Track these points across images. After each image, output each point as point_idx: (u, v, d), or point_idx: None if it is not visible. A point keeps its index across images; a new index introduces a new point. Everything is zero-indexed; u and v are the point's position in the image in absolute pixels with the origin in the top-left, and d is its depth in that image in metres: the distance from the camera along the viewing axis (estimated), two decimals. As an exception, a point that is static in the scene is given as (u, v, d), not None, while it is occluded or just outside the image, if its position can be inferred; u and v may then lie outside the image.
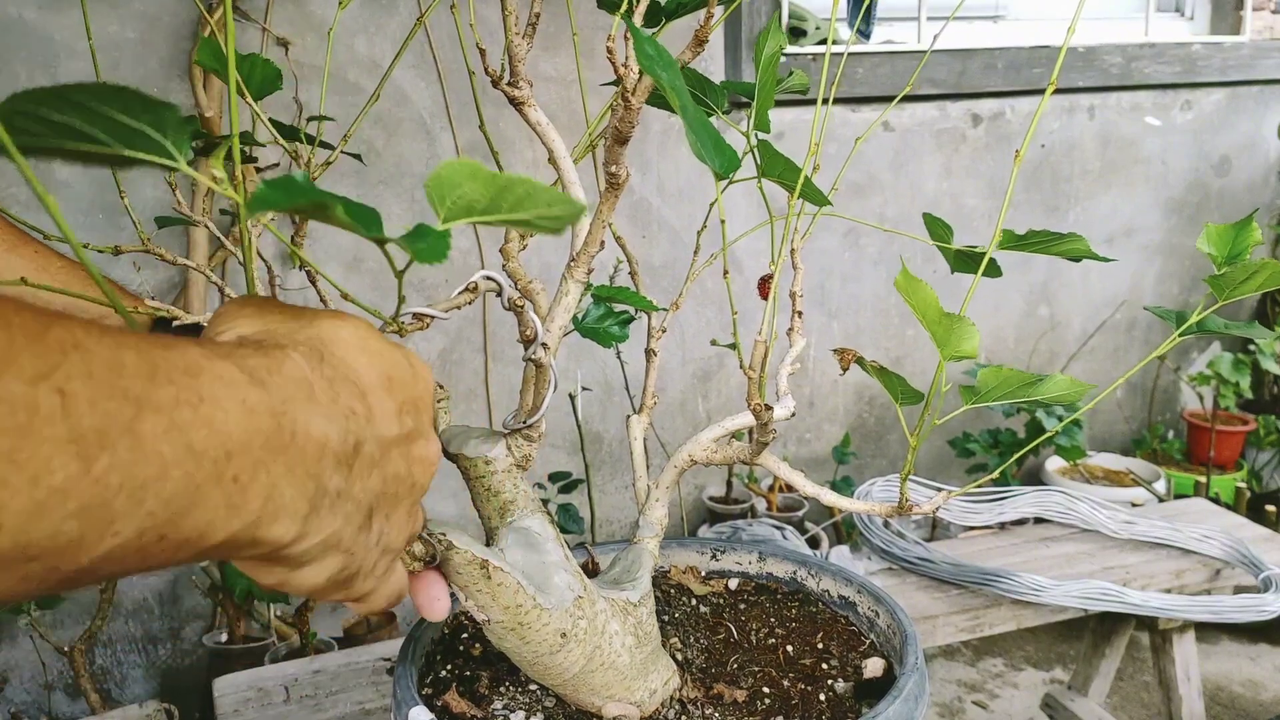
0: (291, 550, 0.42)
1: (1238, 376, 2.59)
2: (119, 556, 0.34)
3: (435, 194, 0.42)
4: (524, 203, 0.43)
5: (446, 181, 0.42)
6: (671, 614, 0.84)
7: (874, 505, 0.69)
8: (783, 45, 0.65)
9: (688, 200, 2.22)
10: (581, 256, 0.64)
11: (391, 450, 0.47)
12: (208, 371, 0.36)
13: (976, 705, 2.16)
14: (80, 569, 0.33)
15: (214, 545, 0.37)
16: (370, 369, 0.46)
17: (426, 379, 0.51)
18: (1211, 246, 0.68)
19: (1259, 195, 2.73)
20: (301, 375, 0.42)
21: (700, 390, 2.35)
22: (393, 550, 0.51)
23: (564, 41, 2.03)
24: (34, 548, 0.31)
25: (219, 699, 1.05)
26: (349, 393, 0.44)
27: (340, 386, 0.44)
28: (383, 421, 0.46)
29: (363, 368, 0.46)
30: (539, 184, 0.43)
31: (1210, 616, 1.21)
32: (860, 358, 0.67)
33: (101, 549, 0.33)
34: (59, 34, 1.72)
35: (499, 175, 0.43)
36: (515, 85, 0.63)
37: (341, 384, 0.44)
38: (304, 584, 0.45)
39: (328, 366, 0.44)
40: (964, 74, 2.34)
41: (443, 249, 0.40)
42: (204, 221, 0.81)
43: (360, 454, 0.45)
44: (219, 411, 0.36)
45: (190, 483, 0.35)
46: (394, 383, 0.48)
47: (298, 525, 0.41)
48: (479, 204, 0.43)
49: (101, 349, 0.33)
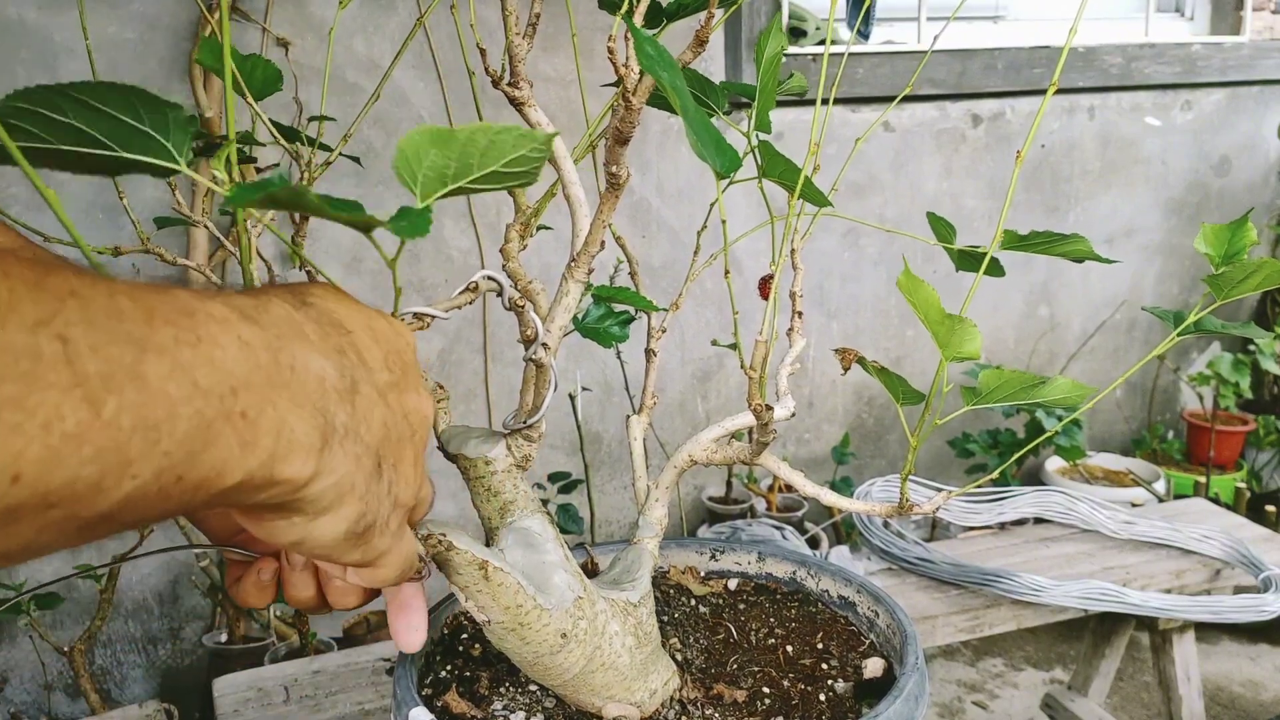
0: (309, 491, 0.41)
1: (1237, 376, 2.59)
2: (138, 499, 0.34)
3: (405, 171, 0.42)
4: (490, 152, 0.43)
5: (412, 155, 0.42)
6: (671, 614, 0.84)
7: (874, 505, 0.69)
8: (784, 46, 0.65)
9: (687, 201, 2.22)
10: (582, 256, 0.64)
11: (387, 395, 0.47)
12: (201, 311, 0.36)
13: (976, 705, 2.16)
14: (100, 514, 0.33)
15: (233, 486, 0.37)
16: (351, 316, 0.46)
17: (407, 335, 0.51)
18: (1209, 246, 0.68)
19: (1259, 195, 2.73)
20: (288, 315, 0.42)
21: (700, 391, 2.35)
22: (403, 505, 0.50)
23: (563, 42, 2.03)
24: (54, 495, 0.31)
25: (219, 699, 1.05)
26: (337, 333, 0.44)
27: (327, 328, 0.44)
28: (373, 365, 0.46)
29: (344, 314, 0.46)
30: (498, 126, 0.42)
31: (1210, 617, 1.21)
32: (861, 357, 0.67)
33: (121, 492, 0.33)
34: (59, 34, 1.72)
35: (458, 130, 0.42)
36: (515, 85, 0.63)
37: (328, 325, 0.44)
38: (324, 536, 0.44)
39: (312, 310, 0.44)
40: (964, 74, 2.34)
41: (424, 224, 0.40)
42: (203, 222, 0.81)
43: (358, 393, 0.44)
44: (218, 349, 0.36)
45: (201, 420, 0.35)
46: (376, 333, 0.47)
47: (313, 461, 0.40)
48: (449, 169, 0.43)
49: (97, 294, 0.33)
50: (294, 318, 0.42)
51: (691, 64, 0.64)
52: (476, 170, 0.43)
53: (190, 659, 2.05)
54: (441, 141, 0.42)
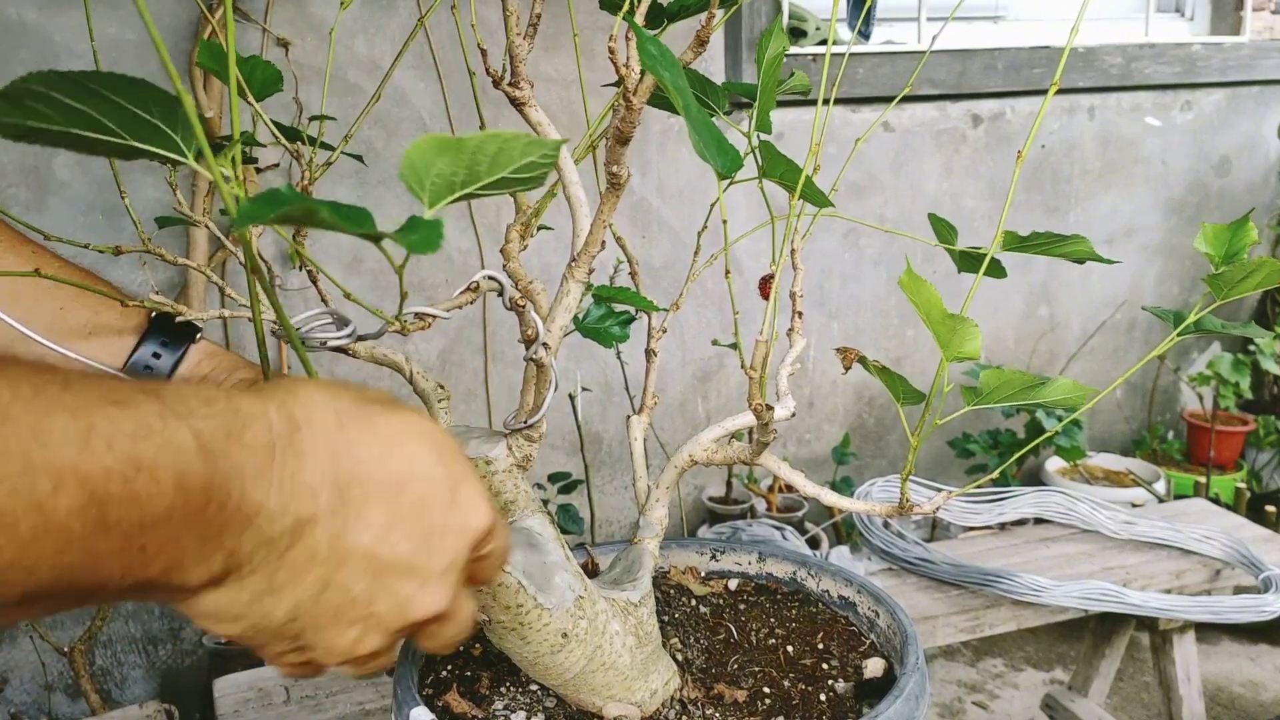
0: (194, 604, 0.40)
1: (1237, 377, 2.59)
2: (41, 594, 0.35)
3: (413, 180, 0.42)
4: (500, 160, 0.43)
5: (419, 164, 0.41)
6: (672, 614, 0.84)
7: (874, 505, 0.69)
8: (786, 47, 0.65)
9: (688, 201, 2.22)
10: (582, 257, 0.64)
11: (354, 560, 0.42)
12: (157, 435, 0.35)
13: (976, 706, 2.16)
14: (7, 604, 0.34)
15: (120, 590, 0.37)
16: (380, 466, 0.42)
17: (470, 523, 0.44)
18: (1208, 246, 0.68)
19: (1259, 195, 2.73)
20: (267, 443, 0.39)
21: (700, 391, 2.35)
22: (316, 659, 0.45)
23: (564, 43, 2.03)
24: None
25: (219, 699, 1.05)
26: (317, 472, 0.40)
27: (307, 461, 0.40)
28: (356, 525, 0.41)
29: (367, 458, 0.42)
30: (507, 134, 0.42)
31: (1210, 617, 1.21)
32: (863, 357, 0.67)
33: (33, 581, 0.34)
34: (59, 35, 1.72)
35: (466, 139, 0.41)
36: (516, 86, 0.63)
37: (312, 459, 0.40)
38: (218, 630, 0.42)
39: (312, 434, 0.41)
40: (964, 74, 2.34)
41: (435, 238, 0.39)
42: (204, 221, 0.81)
43: (300, 541, 0.40)
44: (152, 486, 0.35)
45: (91, 553, 0.34)
46: (406, 494, 0.43)
47: (196, 582, 0.39)
48: (458, 177, 0.42)
49: (27, 418, 0.32)
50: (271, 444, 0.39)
51: (692, 64, 0.64)
52: (485, 177, 0.43)
53: (191, 659, 2.05)
54: (450, 150, 0.41)
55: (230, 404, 0.39)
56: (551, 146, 0.44)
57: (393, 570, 0.43)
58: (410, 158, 0.41)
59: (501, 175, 0.43)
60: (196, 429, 0.36)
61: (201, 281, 1.84)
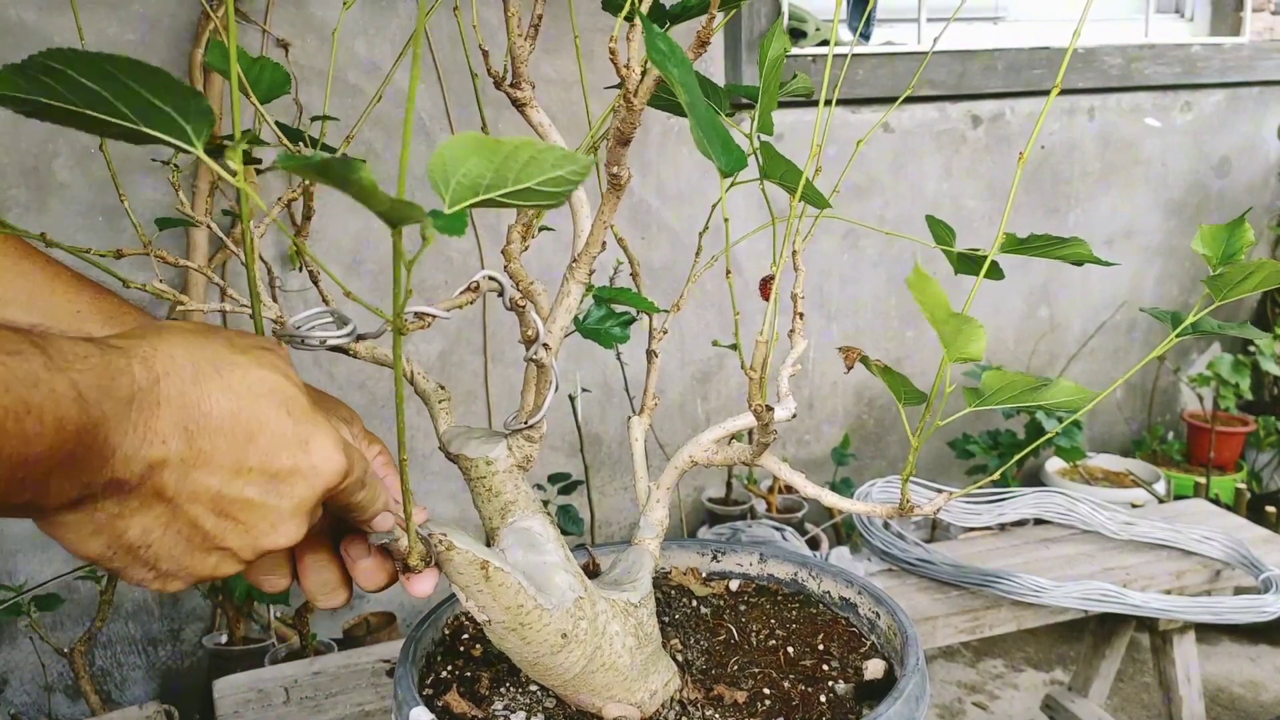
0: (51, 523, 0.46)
1: (1237, 377, 2.59)
2: None
3: (439, 176, 0.42)
4: (529, 169, 0.43)
5: (450, 160, 0.41)
6: (672, 615, 0.85)
7: (874, 506, 0.69)
8: (787, 48, 0.66)
9: (688, 202, 2.22)
10: (583, 257, 0.64)
11: (201, 499, 0.48)
12: (44, 384, 0.41)
13: (977, 706, 2.16)
14: None
15: None
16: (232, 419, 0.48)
17: (322, 468, 0.51)
18: (1206, 247, 0.68)
19: (1259, 196, 2.73)
20: (130, 393, 0.44)
21: (700, 392, 2.35)
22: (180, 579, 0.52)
23: (565, 44, 2.03)
24: None
25: (219, 700, 1.05)
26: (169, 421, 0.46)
27: (162, 410, 0.46)
28: (204, 470, 0.47)
29: (217, 411, 0.47)
30: (541, 144, 0.42)
31: (1210, 618, 1.21)
32: (865, 356, 0.67)
33: None
34: (59, 36, 1.72)
35: (502, 142, 0.42)
36: (518, 87, 0.63)
37: (166, 408, 0.46)
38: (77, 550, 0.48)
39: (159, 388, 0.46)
40: (964, 75, 2.34)
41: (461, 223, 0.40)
42: (206, 221, 0.81)
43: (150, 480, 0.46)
44: (38, 426, 0.40)
45: None
46: (254, 446, 0.48)
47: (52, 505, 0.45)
48: (484, 179, 0.42)
49: None
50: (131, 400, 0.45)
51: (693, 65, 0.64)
52: (512, 184, 0.43)
53: (190, 660, 2.05)
54: (485, 150, 0.41)
55: (104, 358, 0.44)
56: (584, 164, 0.44)
57: (242, 510, 0.49)
58: (443, 154, 0.41)
59: (528, 185, 0.43)
60: (74, 380, 0.42)
61: (202, 282, 1.84)
